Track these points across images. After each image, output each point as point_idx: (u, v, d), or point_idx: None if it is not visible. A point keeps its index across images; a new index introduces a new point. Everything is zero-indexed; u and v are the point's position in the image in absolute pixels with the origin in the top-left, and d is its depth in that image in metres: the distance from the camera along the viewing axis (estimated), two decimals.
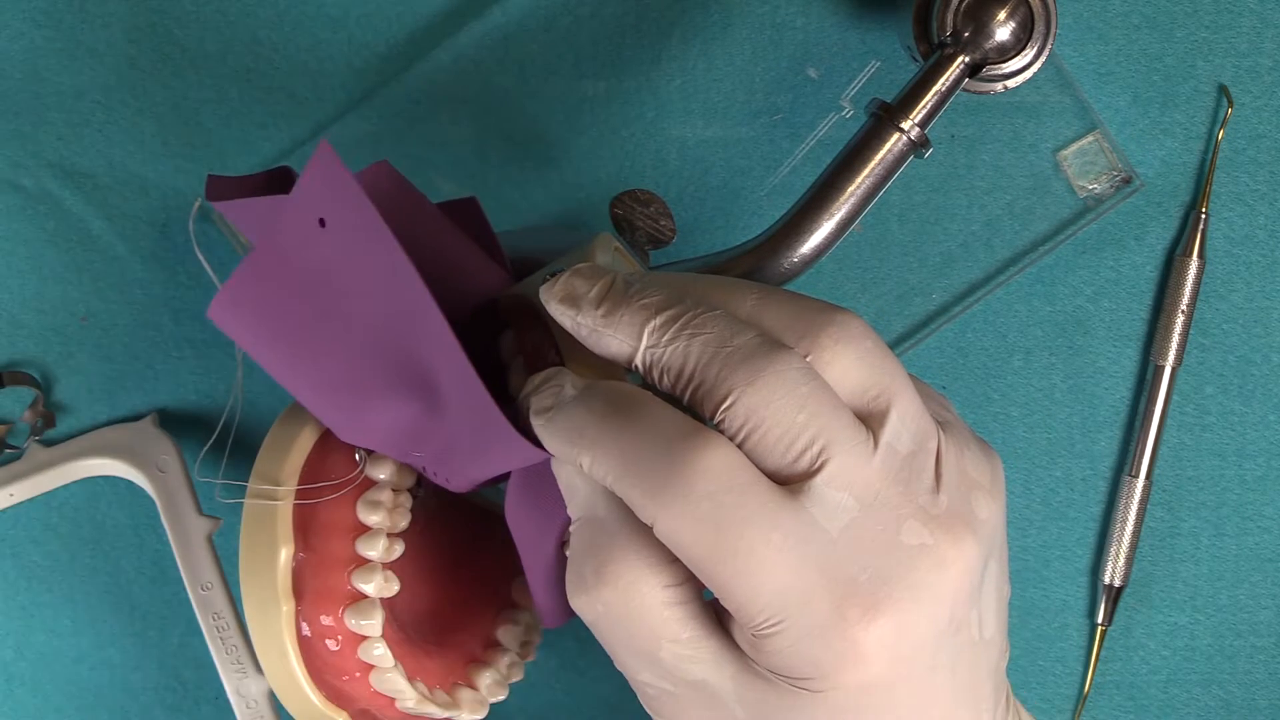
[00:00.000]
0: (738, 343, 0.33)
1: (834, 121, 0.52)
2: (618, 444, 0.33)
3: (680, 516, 0.32)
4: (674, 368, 0.33)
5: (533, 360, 0.39)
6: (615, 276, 0.35)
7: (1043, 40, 0.47)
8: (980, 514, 0.34)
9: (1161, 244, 0.53)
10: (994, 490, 0.35)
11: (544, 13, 0.51)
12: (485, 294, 0.42)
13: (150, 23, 0.51)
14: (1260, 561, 0.54)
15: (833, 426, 0.32)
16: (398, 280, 0.36)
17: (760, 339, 0.33)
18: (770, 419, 0.32)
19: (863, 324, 0.34)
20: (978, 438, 0.37)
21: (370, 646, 0.43)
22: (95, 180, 0.52)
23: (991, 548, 0.35)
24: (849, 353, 0.33)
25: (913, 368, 0.53)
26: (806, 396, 0.32)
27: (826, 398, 0.32)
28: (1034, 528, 0.54)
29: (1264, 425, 0.54)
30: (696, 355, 0.33)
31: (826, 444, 0.32)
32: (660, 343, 0.33)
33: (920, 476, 0.33)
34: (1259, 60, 0.52)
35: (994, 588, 0.35)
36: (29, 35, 0.51)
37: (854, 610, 0.32)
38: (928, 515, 0.33)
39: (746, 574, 0.32)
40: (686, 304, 0.34)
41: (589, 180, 0.52)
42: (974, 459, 0.35)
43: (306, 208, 0.38)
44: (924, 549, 0.33)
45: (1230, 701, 0.55)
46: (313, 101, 0.52)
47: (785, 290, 0.35)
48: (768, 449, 0.32)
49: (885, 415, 0.33)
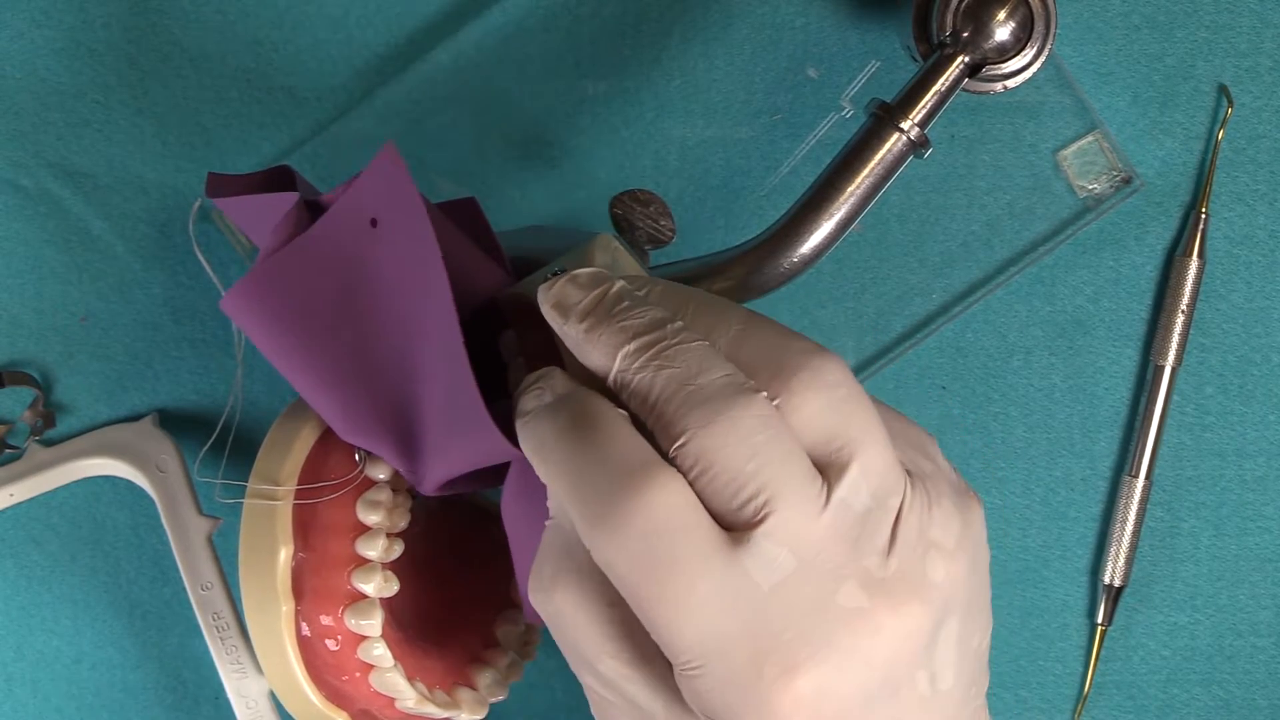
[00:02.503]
0: (702, 381, 0.32)
1: (834, 121, 0.52)
2: (570, 464, 0.33)
3: (615, 550, 0.32)
4: (639, 395, 0.33)
5: (533, 360, 0.39)
6: (608, 289, 0.35)
7: (1042, 40, 0.47)
8: (934, 577, 0.33)
9: (1161, 244, 0.53)
10: (958, 552, 0.34)
11: (544, 13, 0.51)
12: (485, 294, 0.42)
13: (150, 23, 0.51)
14: (1260, 561, 0.54)
15: (782, 479, 0.32)
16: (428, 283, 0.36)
17: (727, 380, 0.32)
18: (718, 464, 0.32)
19: (840, 370, 0.33)
20: (959, 487, 0.36)
21: (370, 646, 0.43)
22: (95, 180, 0.52)
23: (947, 610, 0.34)
24: (818, 400, 0.33)
25: (913, 368, 0.53)
26: (759, 446, 0.32)
27: (782, 447, 0.32)
28: (1034, 528, 0.54)
29: (1264, 425, 0.54)
30: (660, 387, 0.32)
31: (772, 496, 0.31)
32: (630, 368, 0.33)
33: (873, 536, 0.33)
34: (1259, 60, 0.52)
35: (954, 645, 0.34)
36: (29, 35, 0.51)
37: (772, 667, 0.31)
38: (870, 578, 0.32)
39: (671, 617, 0.31)
40: (666, 331, 0.33)
41: (589, 180, 0.52)
42: (942, 517, 0.34)
43: (362, 206, 0.38)
44: (859, 612, 0.32)
45: (1230, 701, 0.55)
46: (313, 101, 0.52)
47: (771, 323, 0.35)
48: (715, 493, 0.32)
49: (844, 469, 0.32)
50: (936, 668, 0.34)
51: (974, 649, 0.35)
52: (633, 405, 0.33)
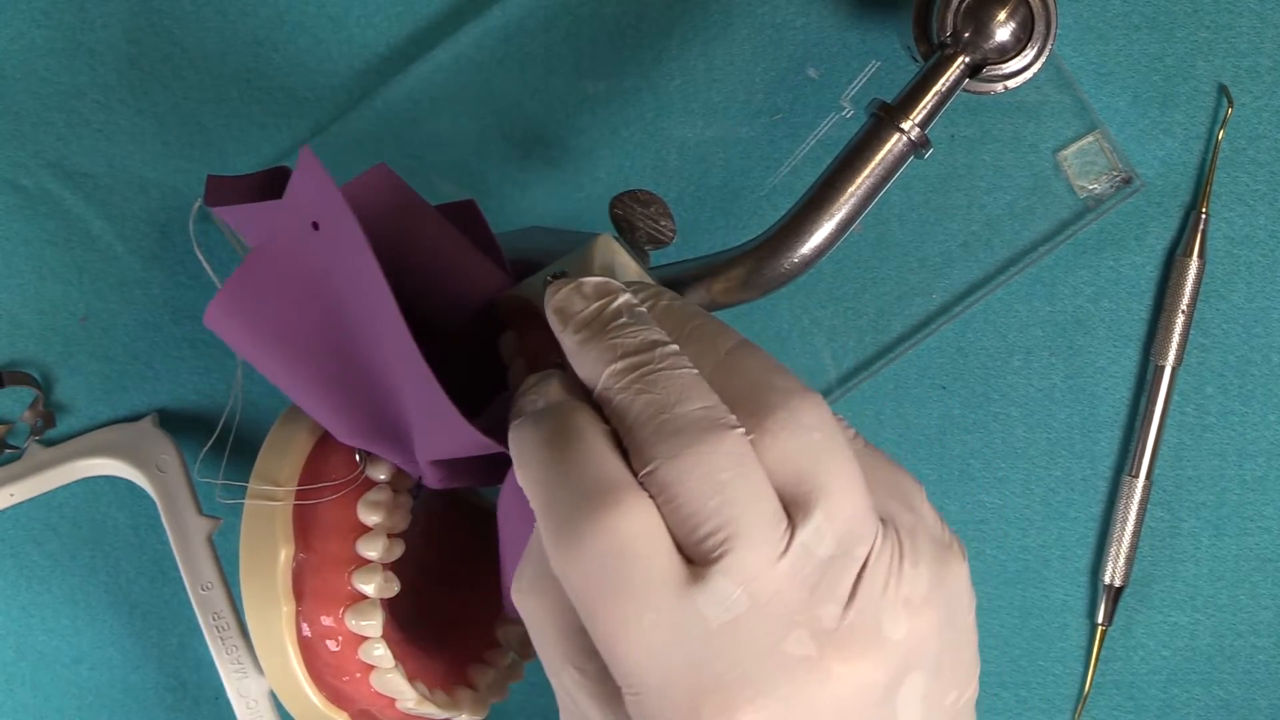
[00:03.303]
0: (679, 411, 0.32)
1: (834, 121, 0.52)
2: (544, 476, 0.33)
3: (570, 566, 0.32)
4: (618, 415, 0.33)
5: (533, 361, 0.39)
6: (609, 302, 0.35)
7: (1043, 40, 0.47)
8: (894, 635, 0.33)
9: (1161, 244, 0.53)
10: (925, 608, 0.33)
11: (544, 13, 0.51)
12: (485, 296, 0.42)
13: (150, 23, 0.51)
14: (1260, 561, 0.54)
15: (745, 517, 0.31)
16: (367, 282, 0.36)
17: (703, 413, 0.32)
18: (681, 496, 0.32)
19: (817, 412, 0.33)
20: (939, 541, 0.35)
21: (370, 647, 0.43)
22: (95, 180, 0.52)
23: (908, 666, 0.33)
24: (792, 440, 0.32)
25: (913, 368, 0.53)
26: (724, 483, 0.32)
27: (749, 486, 0.32)
28: (1034, 528, 0.54)
29: (1264, 425, 0.54)
30: (636, 413, 0.33)
31: (731, 535, 0.31)
32: (613, 387, 0.33)
33: (833, 585, 0.32)
34: (1259, 60, 0.52)
35: (919, 699, 0.34)
36: (29, 35, 0.51)
37: (709, 707, 0.31)
38: (820, 627, 0.32)
39: (616, 641, 0.31)
40: (654, 354, 0.33)
41: (589, 180, 0.52)
42: (912, 571, 0.34)
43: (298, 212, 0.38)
44: (806, 661, 0.32)
45: (1230, 701, 0.55)
46: (313, 101, 0.52)
47: (761, 356, 0.34)
48: (677, 524, 0.32)
49: (810, 512, 0.32)
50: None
51: (947, 706, 0.35)
52: (614, 423, 0.33)
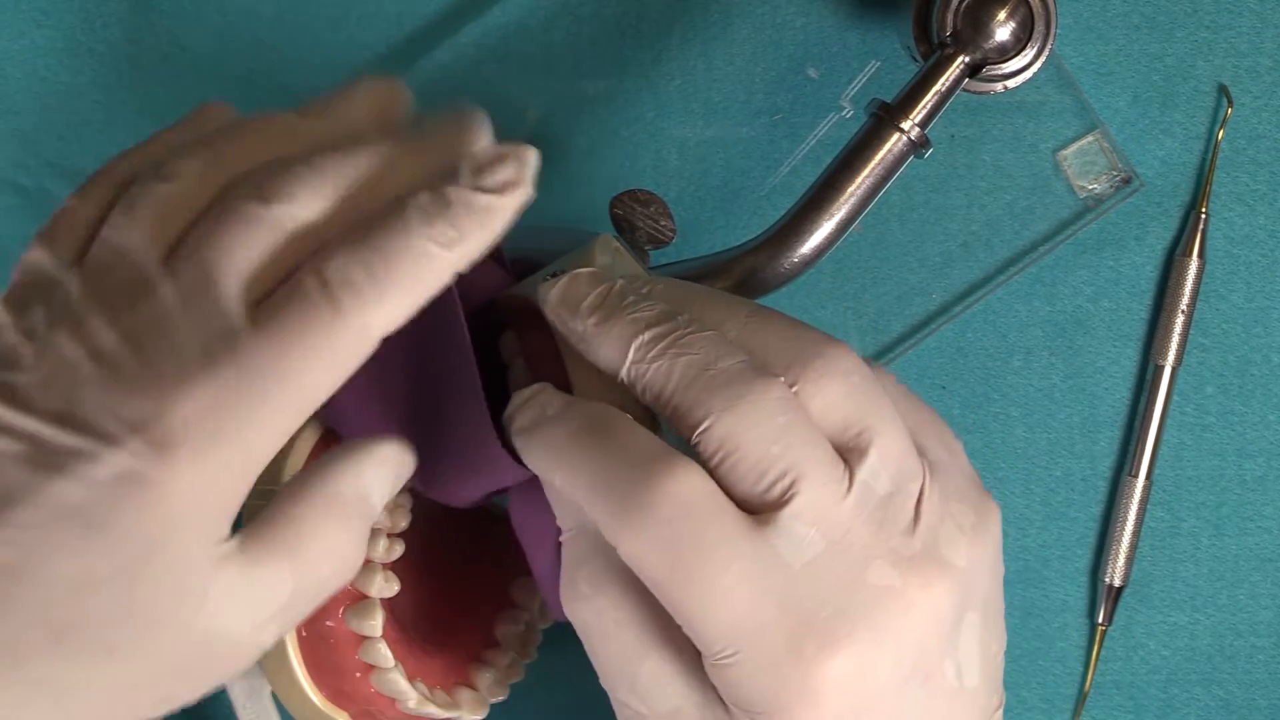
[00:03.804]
0: (721, 366, 0.32)
1: (834, 121, 0.52)
2: (588, 464, 0.33)
3: (641, 540, 0.31)
4: (655, 386, 0.33)
5: (533, 361, 0.39)
6: (613, 285, 0.35)
7: (1043, 40, 0.47)
8: (957, 561, 0.34)
9: (1161, 244, 0.53)
10: (978, 539, 0.35)
11: (544, 13, 0.51)
12: (485, 294, 0.42)
13: (150, 23, 0.51)
14: (1260, 561, 0.54)
15: (807, 460, 0.32)
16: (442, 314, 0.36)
17: (744, 364, 0.33)
18: (744, 446, 0.32)
19: (853, 358, 0.34)
20: (976, 487, 0.36)
21: (371, 647, 0.43)
22: None
23: (968, 597, 0.34)
24: (835, 386, 0.33)
25: (913, 368, 0.53)
26: (783, 427, 0.32)
27: (804, 430, 0.32)
28: (1034, 528, 0.54)
29: (1264, 425, 0.54)
30: (679, 375, 0.33)
31: (798, 477, 0.32)
32: (645, 359, 0.33)
33: (896, 519, 0.33)
34: (1259, 60, 0.52)
35: (976, 640, 0.35)
36: (29, 35, 0.51)
37: (810, 646, 0.31)
38: (898, 557, 0.32)
39: (703, 603, 0.31)
40: (678, 321, 0.34)
41: (589, 180, 0.52)
42: (960, 508, 0.35)
43: None
44: (890, 591, 0.32)
45: (1230, 701, 0.55)
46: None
47: (780, 314, 0.35)
48: (739, 476, 0.32)
49: (865, 453, 0.33)
50: (962, 659, 0.34)
51: (992, 655, 0.36)
52: (647, 397, 0.33)
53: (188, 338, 0.30)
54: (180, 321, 0.30)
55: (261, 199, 0.31)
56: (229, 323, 0.30)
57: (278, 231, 0.31)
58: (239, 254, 0.31)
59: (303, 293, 0.30)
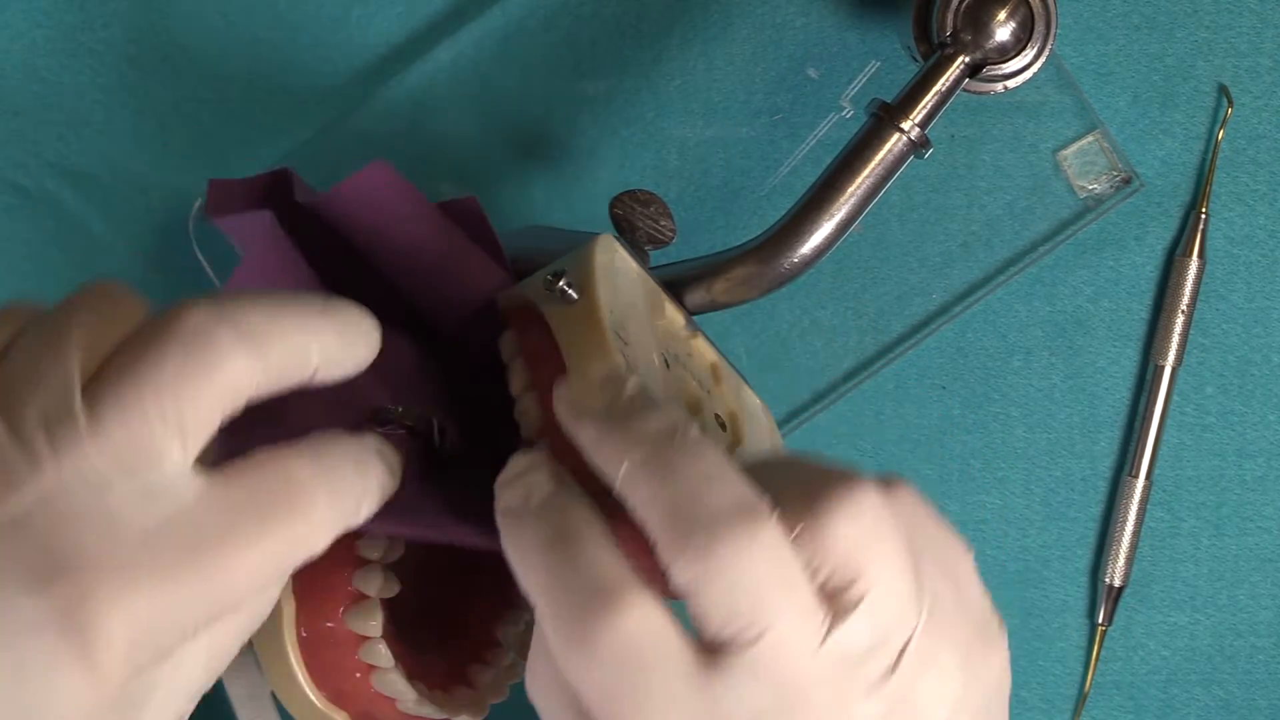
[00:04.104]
0: (708, 502, 0.30)
1: (834, 121, 0.52)
2: (548, 581, 0.32)
3: (583, 674, 0.30)
4: (640, 512, 0.31)
5: (533, 361, 0.39)
6: (620, 390, 0.34)
7: (1043, 40, 0.47)
8: (937, 713, 0.31)
9: (1161, 244, 0.53)
10: (970, 684, 0.32)
11: (544, 13, 0.51)
12: (485, 294, 0.42)
13: (150, 23, 0.51)
14: (1260, 561, 0.54)
15: (780, 610, 0.30)
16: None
17: (734, 501, 0.30)
18: (713, 592, 0.30)
19: (869, 497, 0.31)
20: (978, 622, 0.33)
21: (371, 647, 0.43)
22: (95, 180, 0.52)
23: None
24: (840, 530, 0.31)
25: (913, 368, 0.53)
26: (759, 576, 0.30)
27: (785, 578, 0.30)
28: (1034, 528, 0.54)
29: (1264, 425, 0.54)
30: (662, 508, 0.31)
31: (766, 628, 0.30)
32: (632, 485, 0.32)
33: (870, 671, 0.31)
34: (1259, 60, 0.52)
35: None
36: (29, 35, 0.51)
37: None
38: (865, 714, 0.30)
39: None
40: (675, 440, 0.32)
41: (589, 180, 0.52)
42: (951, 653, 0.32)
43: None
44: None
45: (1230, 701, 0.55)
46: (313, 102, 0.52)
47: (810, 455, 0.33)
48: (704, 616, 0.30)
49: (853, 606, 0.30)
50: None
51: None
52: (635, 517, 0.32)
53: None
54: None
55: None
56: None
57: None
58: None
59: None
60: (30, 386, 0.29)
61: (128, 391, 0.29)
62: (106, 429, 0.29)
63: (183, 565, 0.29)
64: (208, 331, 0.30)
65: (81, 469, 0.29)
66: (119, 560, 0.29)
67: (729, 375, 0.45)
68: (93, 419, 0.29)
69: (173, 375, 0.30)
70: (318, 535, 0.31)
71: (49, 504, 0.29)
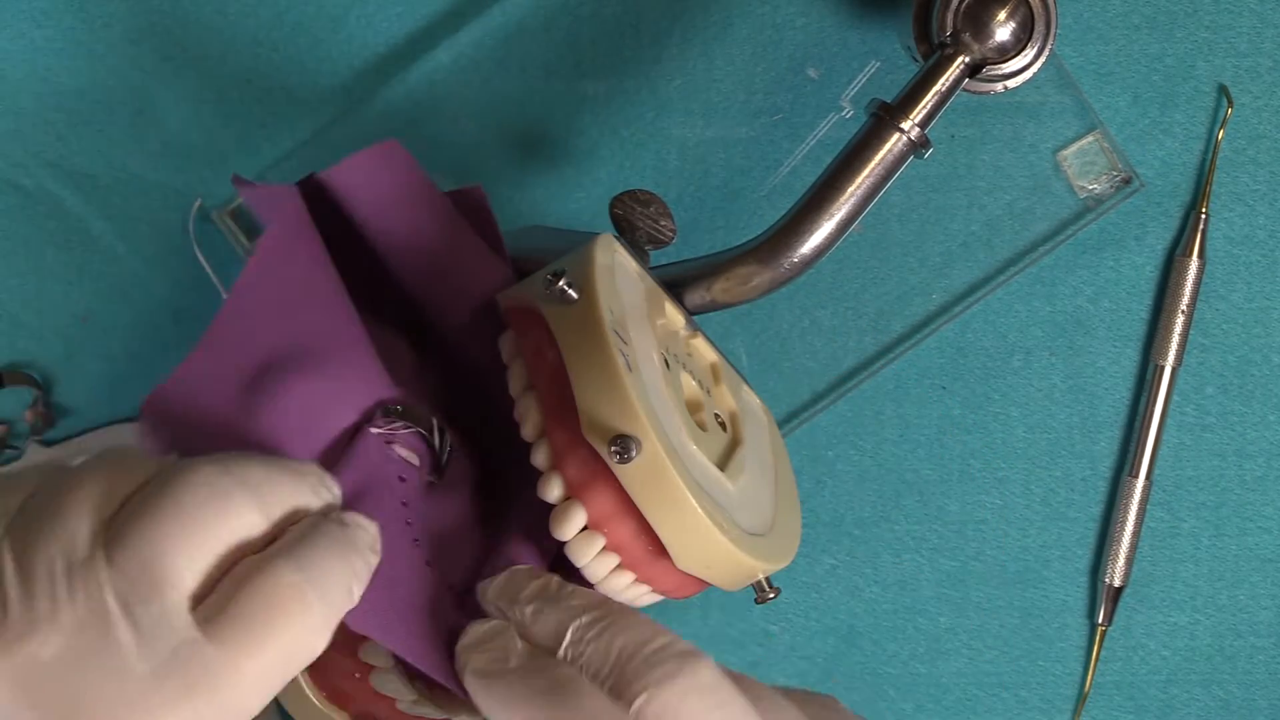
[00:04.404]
0: (656, 644, 0.34)
1: (834, 121, 0.52)
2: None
3: None
4: (595, 662, 0.35)
5: (532, 362, 0.39)
6: (546, 580, 0.37)
7: (1043, 40, 0.47)
8: None
9: (1161, 244, 0.53)
10: None
11: (544, 13, 0.51)
12: (486, 292, 0.42)
13: (150, 23, 0.51)
14: (1260, 561, 0.54)
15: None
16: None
17: (679, 643, 0.34)
18: (685, 716, 0.33)
19: (714, 671, 0.35)
20: None
21: (371, 647, 0.43)
22: (95, 180, 0.52)
23: None
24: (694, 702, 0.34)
25: (913, 368, 0.54)
26: (724, 699, 0.33)
27: (737, 706, 0.34)
28: (1034, 528, 0.54)
29: (1264, 425, 0.54)
30: (617, 652, 0.34)
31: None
32: (583, 638, 0.35)
33: None
34: (1259, 60, 0.52)
35: None
36: (29, 35, 0.51)
37: None
38: None
39: None
40: (611, 607, 0.36)
41: (589, 180, 0.52)
42: None
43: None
44: None
45: (1230, 701, 0.55)
46: (313, 101, 0.52)
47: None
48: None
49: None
50: None
51: None
52: (587, 674, 0.35)
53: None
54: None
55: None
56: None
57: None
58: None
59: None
60: (46, 535, 0.31)
61: (136, 532, 0.31)
62: (118, 571, 0.31)
63: (193, 701, 0.31)
64: (213, 482, 0.32)
65: (94, 609, 0.30)
66: (127, 706, 0.31)
67: (729, 375, 0.45)
68: (110, 562, 0.31)
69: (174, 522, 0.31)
70: (317, 638, 0.33)
71: (68, 647, 0.30)
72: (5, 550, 0.31)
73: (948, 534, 0.54)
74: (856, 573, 0.55)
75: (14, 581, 0.30)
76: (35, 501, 0.32)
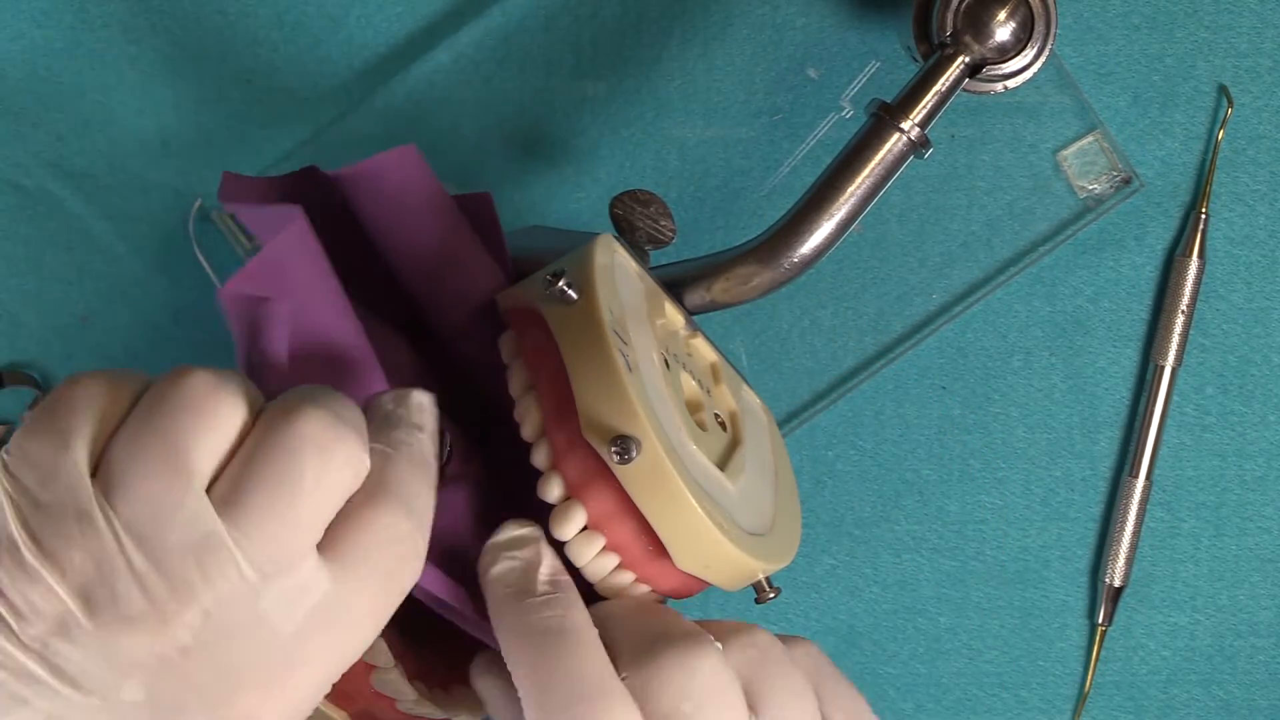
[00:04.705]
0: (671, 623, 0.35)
1: (834, 121, 0.52)
2: (536, 674, 0.35)
3: None
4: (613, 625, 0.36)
5: (532, 363, 0.39)
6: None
7: (1043, 40, 0.47)
8: None
9: (1161, 244, 0.53)
10: None
11: (544, 13, 0.51)
12: (486, 293, 0.42)
13: (150, 23, 0.51)
14: (1260, 561, 0.54)
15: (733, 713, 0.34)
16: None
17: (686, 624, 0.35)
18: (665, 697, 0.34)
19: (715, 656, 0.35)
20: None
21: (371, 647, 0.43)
22: (95, 180, 0.52)
23: None
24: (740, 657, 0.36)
25: (913, 368, 0.54)
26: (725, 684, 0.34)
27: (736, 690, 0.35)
28: (1034, 528, 0.54)
29: (1264, 425, 0.54)
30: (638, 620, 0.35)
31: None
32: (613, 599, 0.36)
33: None
34: (1259, 60, 0.52)
35: None
36: (29, 35, 0.51)
37: None
38: None
39: None
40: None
41: (589, 180, 0.53)
42: None
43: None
44: None
45: (1230, 701, 0.55)
46: (313, 101, 0.52)
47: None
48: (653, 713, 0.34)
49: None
50: None
51: None
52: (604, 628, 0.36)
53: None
54: None
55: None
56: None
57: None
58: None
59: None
60: (163, 518, 0.30)
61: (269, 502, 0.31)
62: (254, 544, 0.31)
63: (328, 649, 0.33)
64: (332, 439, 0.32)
65: (234, 586, 0.30)
66: (276, 669, 0.31)
67: (729, 375, 0.45)
68: (238, 539, 0.30)
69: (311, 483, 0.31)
70: (421, 563, 0.34)
71: (209, 625, 0.30)
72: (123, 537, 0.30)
73: (948, 534, 0.54)
74: (856, 573, 0.55)
75: (145, 568, 0.30)
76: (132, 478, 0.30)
